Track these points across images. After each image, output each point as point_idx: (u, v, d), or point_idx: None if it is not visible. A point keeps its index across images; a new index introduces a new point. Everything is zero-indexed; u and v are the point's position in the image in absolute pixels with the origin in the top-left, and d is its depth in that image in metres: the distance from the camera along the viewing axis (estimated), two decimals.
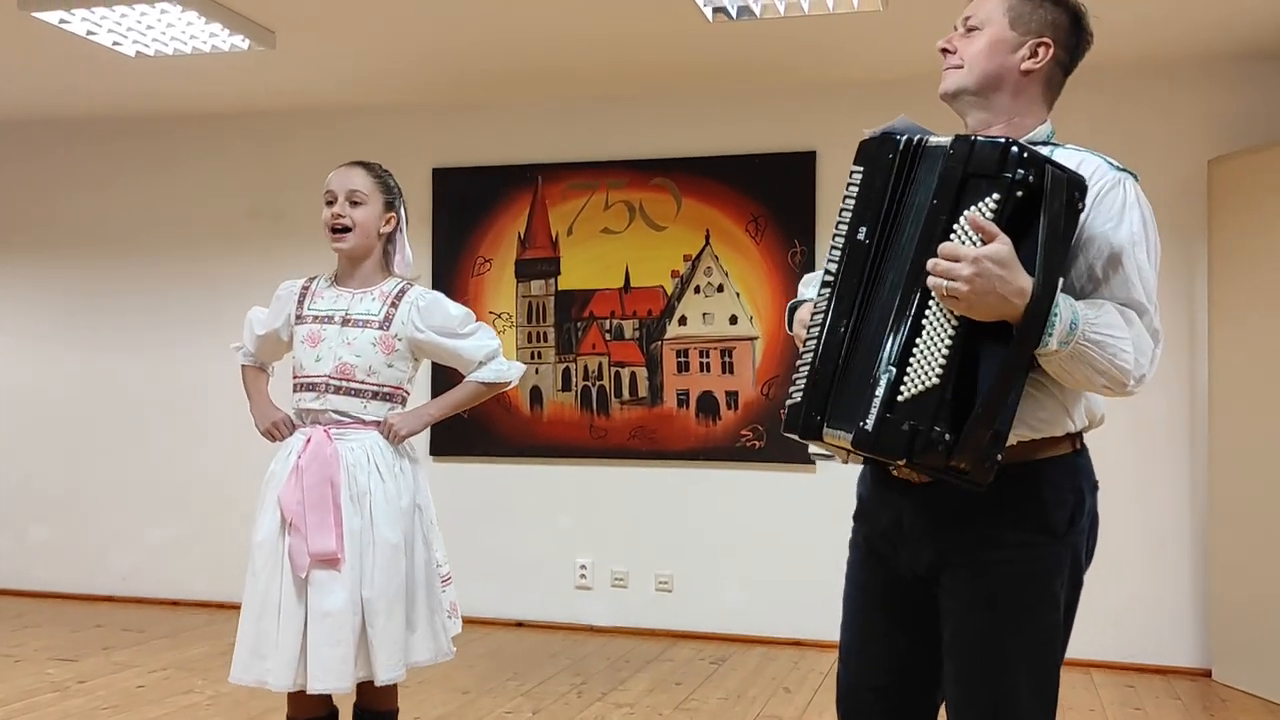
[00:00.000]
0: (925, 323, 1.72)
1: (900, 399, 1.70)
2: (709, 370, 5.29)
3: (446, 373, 4.44)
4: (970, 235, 1.69)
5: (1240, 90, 4.75)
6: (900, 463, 1.74)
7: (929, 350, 1.71)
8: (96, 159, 6.08)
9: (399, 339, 2.94)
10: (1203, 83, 4.79)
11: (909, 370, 1.71)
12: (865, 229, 1.82)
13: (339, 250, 2.96)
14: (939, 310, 1.71)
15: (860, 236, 1.82)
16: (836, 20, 4.23)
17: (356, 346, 2.91)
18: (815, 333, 1.85)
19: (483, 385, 3.04)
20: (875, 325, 1.78)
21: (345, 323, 2.93)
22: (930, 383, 1.69)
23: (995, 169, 1.69)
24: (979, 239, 1.68)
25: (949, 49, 1.95)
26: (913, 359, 1.71)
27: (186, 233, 5.96)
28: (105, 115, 5.98)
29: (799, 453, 4.91)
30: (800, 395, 1.84)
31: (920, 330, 1.72)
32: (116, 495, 6.00)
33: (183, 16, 4.12)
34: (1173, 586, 4.80)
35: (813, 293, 2.04)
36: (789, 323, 2.07)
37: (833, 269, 1.85)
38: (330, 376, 2.90)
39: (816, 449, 1.91)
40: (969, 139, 1.74)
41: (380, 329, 2.93)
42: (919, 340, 1.72)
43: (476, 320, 3.05)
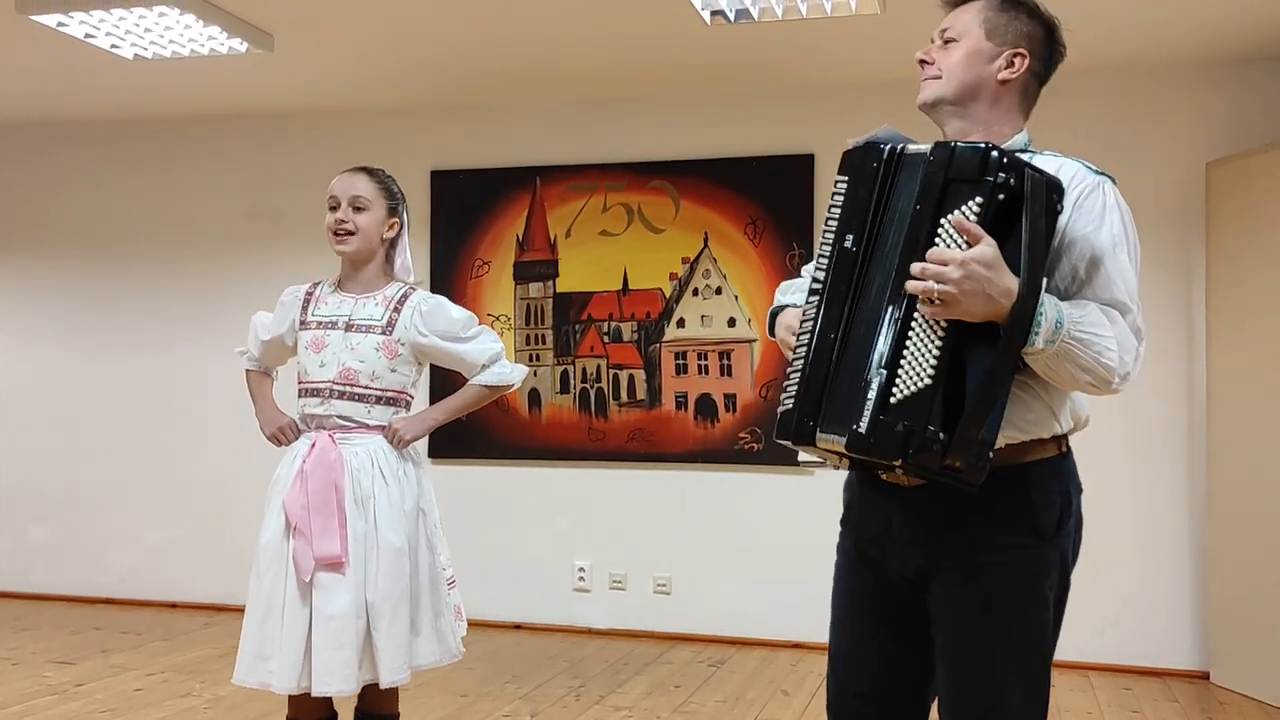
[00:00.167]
0: (914, 325, 1.74)
1: (893, 400, 1.72)
2: (707, 373, 5.29)
3: (445, 376, 4.45)
4: (955, 238, 1.72)
5: (1238, 93, 4.75)
6: (895, 464, 1.75)
7: (919, 352, 1.72)
8: (96, 160, 6.09)
9: (402, 343, 2.96)
10: (1200, 86, 4.79)
11: (900, 372, 1.73)
12: (852, 237, 1.84)
13: (341, 252, 2.98)
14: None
15: (847, 244, 1.84)
16: (834, 23, 4.24)
17: (360, 351, 2.93)
18: (805, 339, 1.86)
19: (486, 389, 3.06)
20: (864, 330, 1.79)
21: (349, 328, 2.95)
22: (922, 384, 1.71)
23: (976, 173, 1.72)
24: (964, 242, 1.70)
25: (927, 60, 2.00)
26: (903, 361, 1.73)
27: (186, 233, 5.97)
28: (104, 117, 5.99)
29: (796, 455, 4.91)
30: (792, 401, 1.85)
31: (909, 333, 1.74)
32: (115, 497, 6.00)
33: (180, 20, 4.12)
34: (1171, 589, 4.80)
35: (792, 299, 2.06)
36: (770, 328, 2.09)
37: (821, 277, 1.87)
38: (334, 382, 2.92)
39: (807, 455, 1.92)
40: (949, 145, 1.77)
41: (383, 334, 2.94)
42: (909, 342, 1.73)
43: (478, 323, 3.07)
